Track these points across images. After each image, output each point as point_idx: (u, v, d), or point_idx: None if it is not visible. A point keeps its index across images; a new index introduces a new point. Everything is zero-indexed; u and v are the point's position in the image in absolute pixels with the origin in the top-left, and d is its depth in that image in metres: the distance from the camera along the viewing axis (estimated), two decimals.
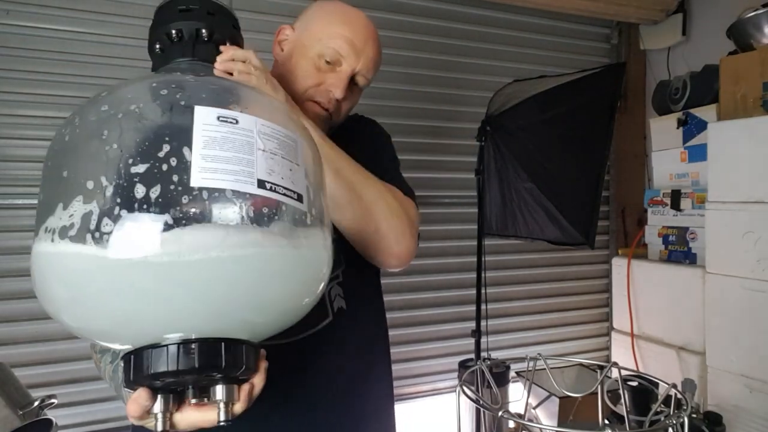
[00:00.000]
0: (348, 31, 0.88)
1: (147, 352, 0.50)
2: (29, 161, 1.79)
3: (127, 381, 0.53)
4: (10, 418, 1.03)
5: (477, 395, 0.81)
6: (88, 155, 0.52)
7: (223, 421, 0.53)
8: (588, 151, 1.87)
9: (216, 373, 0.52)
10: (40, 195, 0.55)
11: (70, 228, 0.48)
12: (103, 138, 0.51)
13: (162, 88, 0.54)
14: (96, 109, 0.53)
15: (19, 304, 1.78)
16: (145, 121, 0.51)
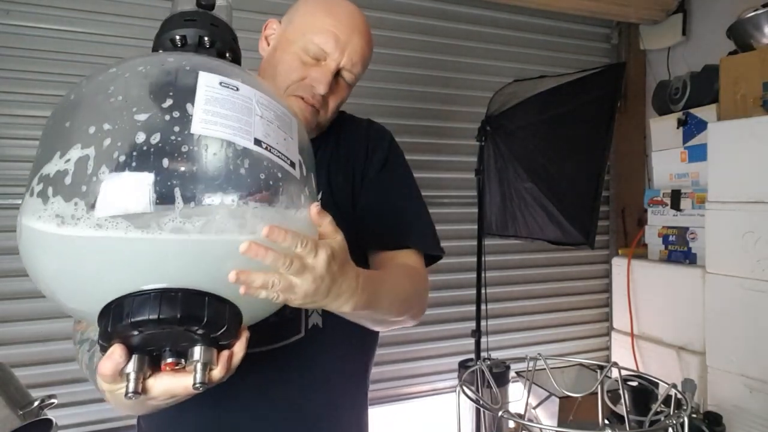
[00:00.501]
0: (332, 24, 0.85)
1: (129, 299, 0.49)
2: (29, 161, 1.78)
3: (104, 334, 0.51)
4: (10, 418, 1.03)
5: (477, 395, 0.81)
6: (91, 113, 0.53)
7: (198, 383, 0.52)
8: (588, 151, 1.87)
9: (197, 328, 0.51)
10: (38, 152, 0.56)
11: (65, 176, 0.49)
12: (108, 93, 0.53)
13: (169, 57, 0.58)
14: (104, 72, 0.56)
15: (19, 304, 1.78)
16: (150, 78, 0.54)
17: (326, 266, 0.56)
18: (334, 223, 0.59)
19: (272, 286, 0.53)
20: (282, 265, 0.52)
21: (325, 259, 0.56)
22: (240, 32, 0.78)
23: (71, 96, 0.55)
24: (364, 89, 2.19)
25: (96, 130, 0.50)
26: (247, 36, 0.96)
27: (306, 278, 0.55)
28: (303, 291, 0.56)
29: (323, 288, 0.58)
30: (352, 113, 1.05)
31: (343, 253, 0.61)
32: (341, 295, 0.62)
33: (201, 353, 0.53)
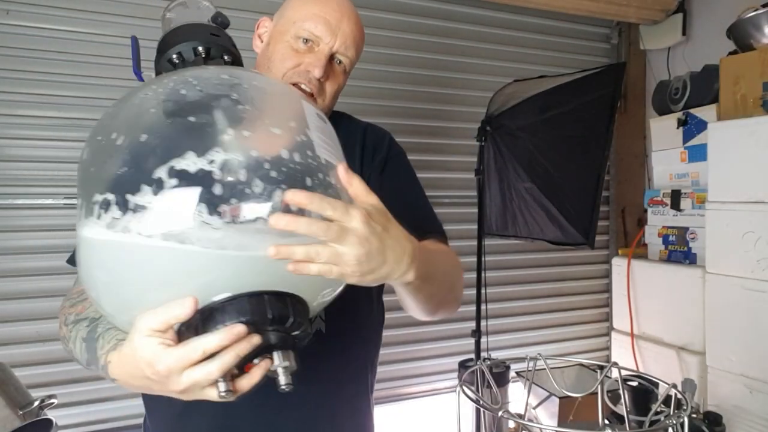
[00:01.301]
0: (321, 10, 0.86)
1: (221, 305, 0.52)
2: (29, 161, 1.79)
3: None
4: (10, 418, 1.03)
5: (477, 395, 0.81)
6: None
7: (285, 384, 0.55)
8: (588, 151, 1.87)
9: (294, 329, 0.56)
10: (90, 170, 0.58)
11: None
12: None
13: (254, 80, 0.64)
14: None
15: (19, 304, 1.78)
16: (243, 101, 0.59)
17: (366, 226, 0.54)
18: (364, 184, 0.57)
19: (317, 256, 0.52)
20: (319, 232, 0.51)
21: (361, 218, 0.53)
22: (240, 32, 0.79)
23: (154, 109, 0.58)
24: (365, 89, 2.19)
25: (198, 150, 0.51)
26: (248, 36, 0.97)
27: (350, 242, 0.53)
28: (354, 257, 0.53)
29: (374, 251, 0.55)
30: (352, 114, 1.05)
31: (383, 214, 0.58)
32: (400, 260, 0.59)
33: (280, 357, 0.56)
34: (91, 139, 0.60)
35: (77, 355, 0.70)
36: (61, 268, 1.81)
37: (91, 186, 0.55)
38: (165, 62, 0.71)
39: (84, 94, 1.84)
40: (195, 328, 0.53)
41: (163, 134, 0.55)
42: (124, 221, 0.50)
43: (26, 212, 1.79)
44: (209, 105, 0.55)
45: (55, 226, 1.81)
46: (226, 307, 0.52)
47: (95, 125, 0.62)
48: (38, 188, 1.80)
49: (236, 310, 0.52)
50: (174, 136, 0.54)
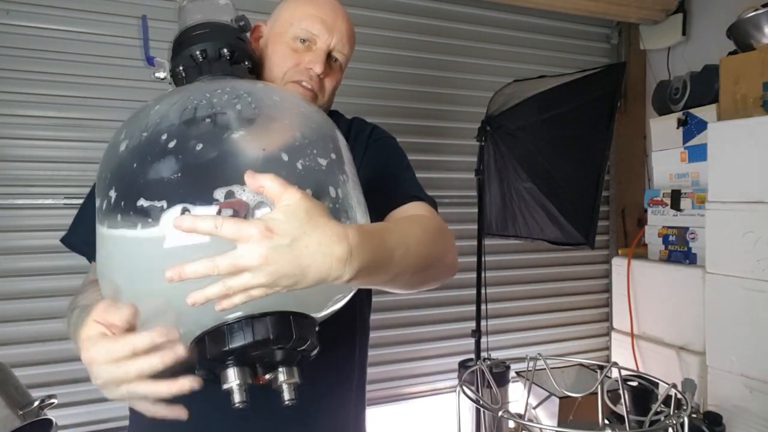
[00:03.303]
0: (316, 10, 0.90)
1: (229, 326, 0.55)
2: (29, 161, 1.79)
3: (202, 360, 0.56)
4: (10, 418, 1.03)
5: (477, 395, 0.81)
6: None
7: (288, 399, 0.58)
8: (588, 151, 1.87)
9: (297, 346, 0.58)
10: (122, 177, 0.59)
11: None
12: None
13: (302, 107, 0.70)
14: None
15: (19, 304, 1.78)
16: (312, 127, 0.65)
17: (264, 243, 0.50)
18: (278, 180, 0.53)
19: (230, 289, 0.51)
20: (206, 271, 0.50)
21: (258, 236, 0.50)
22: None
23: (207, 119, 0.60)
24: (365, 89, 2.19)
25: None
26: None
27: (252, 266, 0.51)
28: (264, 277, 0.51)
29: (285, 266, 0.52)
30: (352, 113, 1.05)
31: (296, 216, 0.52)
32: (327, 265, 0.54)
33: (285, 374, 0.60)
34: (131, 135, 0.61)
35: (72, 339, 0.73)
36: (61, 268, 1.81)
37: (140, 189, 0.57)
38: (187, 56, 0.72)
39: (84, 94, 1.84)
40: (202, 348, 0.56)
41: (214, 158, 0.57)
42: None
43: (26, 212, 1.79)
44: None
45: (55, 226, 1.81)
46: (233, 328, 0.55)
47: (137, 118, 0.64)
48: (38, 188, 1.80)
49: (242, 332, 0.55)
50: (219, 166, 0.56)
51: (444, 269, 0.82)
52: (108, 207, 0.57)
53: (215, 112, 0.60)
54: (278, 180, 0.53)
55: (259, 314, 0.55)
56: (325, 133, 0.66)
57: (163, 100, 0.63)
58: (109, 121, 1.87)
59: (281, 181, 0.53)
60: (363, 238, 0.58)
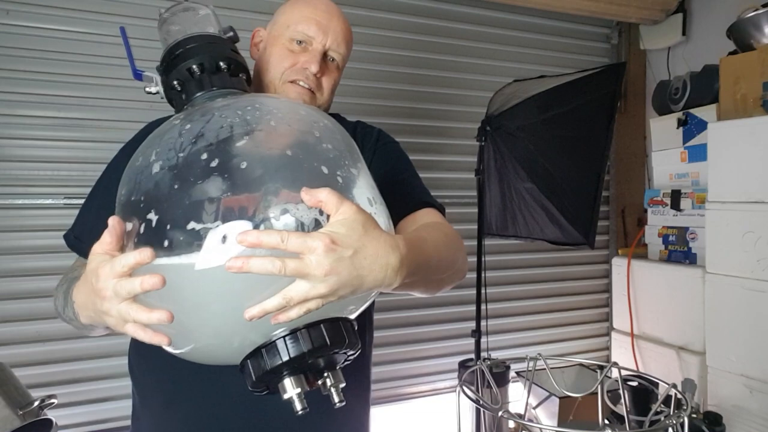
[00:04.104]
0: (311, 12, 0.92)
1: (285, 337, 0.56)
2: (29, 161, 1.79)
3: (261, 374, 0.57)
4: (10, 418, 1.03)
5: (477, 395, 0.81)
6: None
7: (339, 401, 0.60)
8: (588, 151, 1.87)
9: (348, 349, 0.60)
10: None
11: None
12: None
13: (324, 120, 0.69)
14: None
15: (19, 304, 1.78)
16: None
17: (330, 254, 0.52)
18: (334, 193, 0.55)
19: (290, 300, 0.53)
20: (274, 270, 0.51)
21: (322, 248, 0.52)
22: (241, 32, 0.80)
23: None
24: (365, 89, 2.19)
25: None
26: (248, 36, 0.98)
27: (314, 276, 0.52)
28: (325, 288, 0.53)
29: (346, 277, 0.54)
30: (352, 113, 1.05)
31: (356, 229, 0.55)
32: (383, 274, 0.57)
33: (331, 377, 0.61)
34: (164, 155, 0.59)
35: (58, 307, 0.79)
36: (61, 268, 1.80)
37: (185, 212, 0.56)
38: (183, 70, 0.71)
39: (84, 94, 1.84)
40: (257, 363, 0.57)
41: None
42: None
43: (26, 212, 1.79)
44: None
45: (55, 226, 1.81)
46: (290, 339, 0.56)
47: (165, 138, 0.61)
48: (38, 188, 1.80)
49: (300, 340, 0.56)
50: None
51: (460, 274, 0.87)
52: (149, 231, 0.55)
53: (252, 129, 0.60)
54: (334, 193, 0.54)
55: (305, 325, 0.56)
56: (349, 142, 0.67)
57: (192, 119, 0.62)
58: (109, 121, 1.87)
59: (337, 194, 0.54)
60: (409, 248, 0.61)
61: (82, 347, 1.83)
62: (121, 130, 1.86)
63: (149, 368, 0.88)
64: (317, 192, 0.54)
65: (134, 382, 0.94)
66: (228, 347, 0.58)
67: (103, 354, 1.84)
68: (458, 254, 0.85)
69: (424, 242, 0.71)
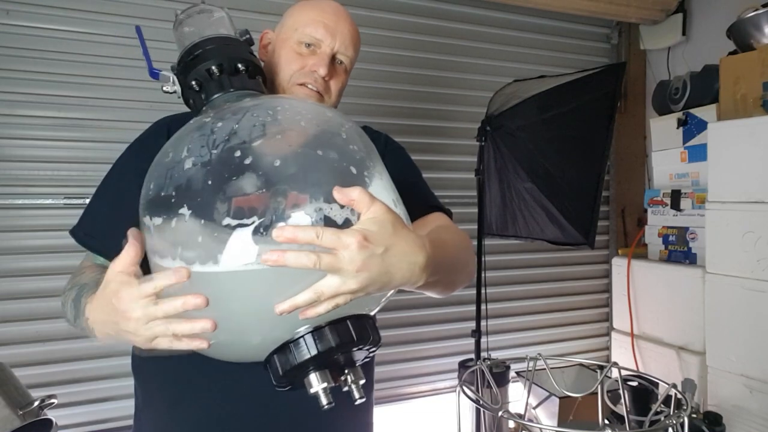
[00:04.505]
0: (319, 15, 0.93)
1: (312, 334, 0.57)
2: (29, 161, 1.79)
3: (289, 369, 0.57)
4: (10, 418, 1.03)
5: (477, 395, 0.81)
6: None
7: (359, 398, 0.62)
8: (588, 151, 1.87)
9: (372, 345, 0.62)
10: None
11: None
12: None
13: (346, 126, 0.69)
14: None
15: (19, 304, 1.78)
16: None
17: (363, 251, 0.54)
18: (366, 192, 0.56)
19: (321, 295, 0.54)
20: (309, 264, 0.52)
21: (356, 245, 0.53)
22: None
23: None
24: (365, 89, 2.19)
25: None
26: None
27: (347, 271, 0.53)
28: (355, 284, 0.54)
29: (376, 274, 0.56)
30: (352, 114, 1.05)
31: (387, 228, 0.57)
32: (410, 273, 0.60)
33: (352, 374, 0.63)
34: (196, 151, 0.60)
35: (68, 315, 0.78)
36: (61, 268, 1.81)
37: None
38: (202, 71, 0.72)
39: (84, 94, 1.84)
40: (285, 358, 0.58)
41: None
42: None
43: (26, 212, 1.79)
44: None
45: (55, 226, 1.81)
46: (317, 335, 0.57)
47: (195, 135, 0.62)
48: (38, 188, 1.80)
49: (328, 336, 0.57)
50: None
51: (471, 275, 0.90)
52: (180, 227, 0.56)
53: (284, 128, 0.62)
54: (365, 192, 0.56)
55: (329, 322, 0.57)
56: (369, 144, 0.68)
57: (224, 116, 0.63)
58: (109, 121, 1.87)
59: (368, 193, 0.56)
60: (434, 248, 0.64)
61: (82, 347, 1.83)
62: (121, 130, 1.86)
63: (155, 369, 0.88)
64: (349, 191, 0.55)
65: (138, 383, 0.94)
66: (249, 344, 0.59)
67: (103, 354, 1.84)
68: (471, 257, 0.89)
69: (444, 243, 0.73)
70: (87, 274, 0.81)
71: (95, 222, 0.89)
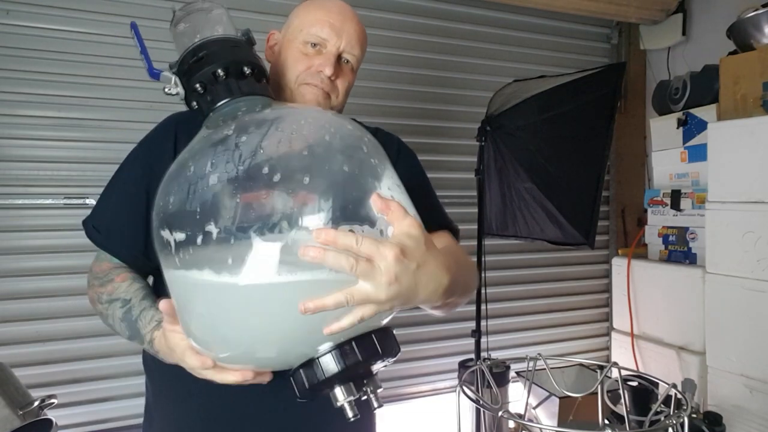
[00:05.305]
0: (324, 15, 0.93)
1: (336, 349, 0.58)
2: (29, 161, 1.79)
3: (315, 384, 0.58)
4: (10, 418, 1.03)
5: (477, 395, 0.81)
6: None
7: (377, 406, 0.65)
8: (588, 151, 1.87)
9: (393, 356, 0.63)
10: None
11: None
12: None
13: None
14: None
15: (19, 304, 1.78)
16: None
17: (398, 265, 0.54)
18: (402, 208, 0.58)
19: (351, 299, 0.54)
20: (347, 266, 0.52)
21: (393, 257, 0.54)
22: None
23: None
24: (365, 89, 2.19)
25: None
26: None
27: (379, 281, 0.54)
28: (384, 295, 0.55)
29: (405, 289, 0.56)
30: (352, 114, 1.05)
31: (420, 245, 0.57)
32: (434, 293, 0.61)
33: (371, 384, 0.66)
34: (220, 167, 0.60)
35: (118, 331, 0.82)
36: (61, 268, 1.81)
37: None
38: (208, 73, 0.71)
39: (84, 94, 1.84)
40: (311, 373, 0.59)
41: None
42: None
43: (26, 212, 1.79)
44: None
45: (55, 226, 1.81)
46: (341, 350, 0.58)
47: (217, 148, 0.62)
48: (38, 188, 1.80)
49: (353, 350, 0.58)
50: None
51: (469, 296, 0.90)
52: (207, 243, 0.56)
53: (310, 142, 0.63)
54: (401, 206, 0.57)
55: (350, 338, 0.58)
56: (386, 157, 0.68)
57: (247, 129, 0.63)
58: (109, 121, 1.87)
59: (402, 207, 0.57)
60: (453, 271, 0.65)
61: (82, 347, 1.83)
62: (121, 130, 1.86)
63: (164, 365, 0.90)
64: (389, 200, 0.57)
65: (149, 379, 0.96)
66: (268, 356, 0.60)
67: (103, 354, 1.84)
68: (476, 281, 0.89)
69: (459, 267, 0.74)
70: (121, 286, 0.83)
71: (103, 219, 0.89)
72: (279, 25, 1.01)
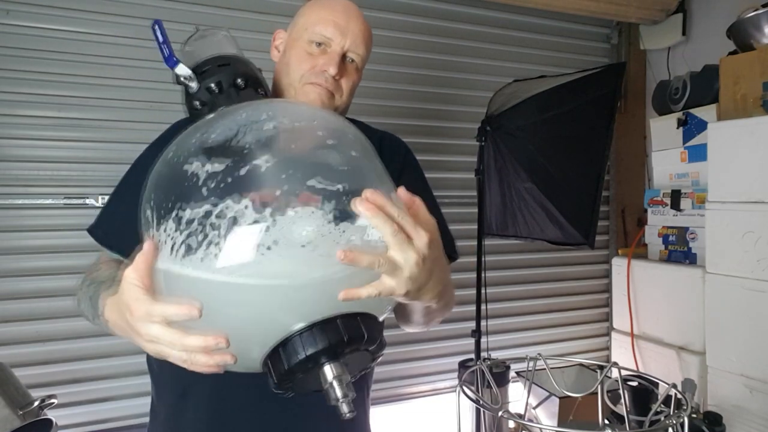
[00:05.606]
0: (329, 14, 0.93)
1: (320, 326, 0.54)
2: (29, 161, 1.79)
3: (296, 364, 0.54)
4: (10, 418, 1.03)
5: (477, 395, 0.81)
6: None
7: (348, 411, 0.58)
8: (588, 151, 1.87)
9: (368, 346, 0.59)
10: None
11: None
12: None
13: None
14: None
15: (19, 304, 1.78)
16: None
17: (429, 249, 0.56)
18: (421, 203, 0.60)
19: (380, 266, 0.53)
20: (389, 234, 0.53)
21: (427, 240, 0.56)
22: (242, 32, 0.80)
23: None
24: (365, 89, 2.18)
25: None
26: (250, 37, 0.98)
27: (410, 259, 0.55)
28: (409, 274, 0.55)
29: (423, 275, 0.57)
30: (352, 114, 1.05)
31: (438, 242, 0.60)
32: (436, 288, 0.63)
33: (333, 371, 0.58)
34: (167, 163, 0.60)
35: (85, 312, 0.79)
36: (61, 268, 1.81)
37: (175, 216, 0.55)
38: (231, 78, 0.75)
39: (84, 94, 1.84)
40: (292, 350, 0.55)
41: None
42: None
43: (26, 212, 1.79)
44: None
45: (55, 226, 1.81)
46: (304, 336, 0.54)
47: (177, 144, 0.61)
48: (38, 188, 1.80)
49: (313, 337, 0.54)
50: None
51: (446, 313, 0.92)
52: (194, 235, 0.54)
53: (314, 147, 0.62)
54: (422, 204, 0.60)
55: (329, 318, 0.55)
56: (382, 166, 0.67)
57: (237, 119, 0.62)
58: (109, 121, 1.87)
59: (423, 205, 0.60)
60: (447, 280, 0.67)
61: (82, 347, 1.83)
62: (121, 130, 1.86)
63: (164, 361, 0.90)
64: (415, 197, 0.59)
65: (151, 377, 0.96)
66: (250, 357, 0.57)
67: (103, 354, 1.85)
68: (452, 298, 0.91)
69: (449, 281, 0.77)
70: (103, 271, 0.82)
71: (113, 221, 0.89)
72: (280, 25, 1.01)
